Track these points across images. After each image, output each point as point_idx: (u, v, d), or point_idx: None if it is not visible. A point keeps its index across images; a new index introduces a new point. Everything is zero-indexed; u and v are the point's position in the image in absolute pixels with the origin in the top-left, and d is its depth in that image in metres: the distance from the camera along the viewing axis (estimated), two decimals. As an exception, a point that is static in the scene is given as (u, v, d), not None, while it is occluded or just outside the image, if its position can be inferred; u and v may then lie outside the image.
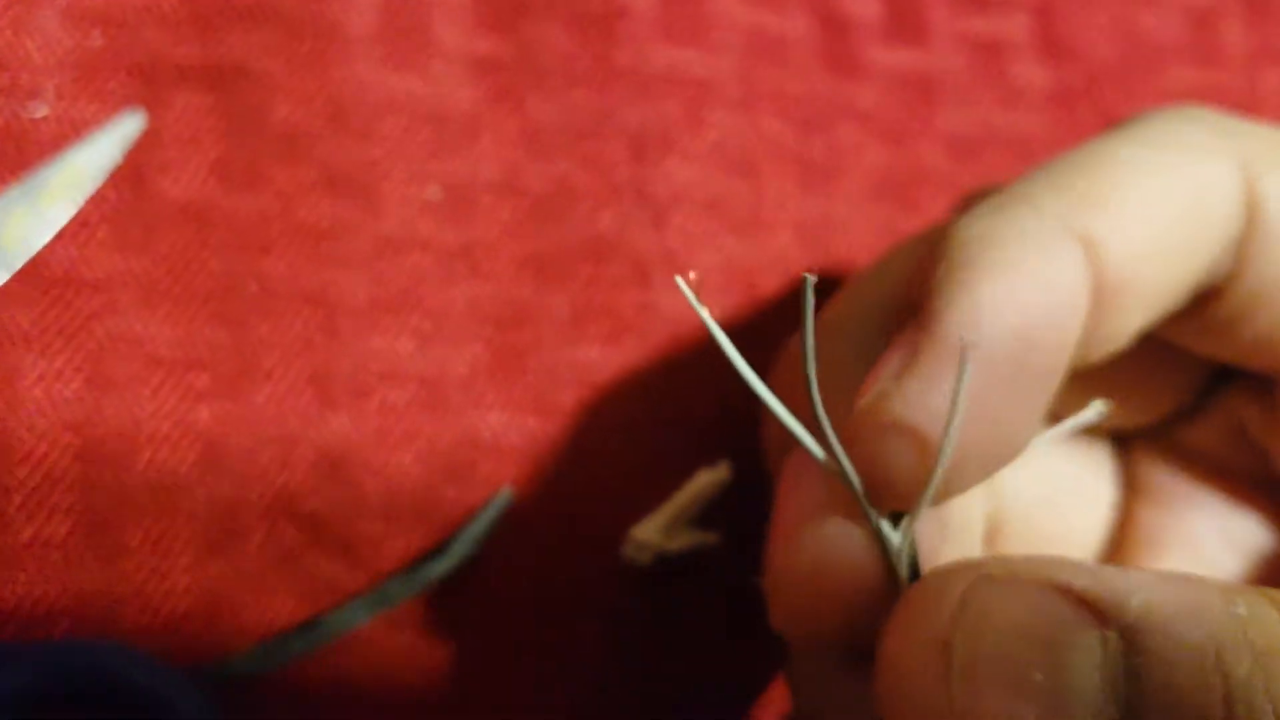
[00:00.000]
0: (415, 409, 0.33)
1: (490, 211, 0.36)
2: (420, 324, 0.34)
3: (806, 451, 0.23)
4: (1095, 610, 0.19)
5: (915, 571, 0.22)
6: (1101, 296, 0.22)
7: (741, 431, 0.35)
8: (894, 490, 0.21)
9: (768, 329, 0.31)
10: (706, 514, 0.34)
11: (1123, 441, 0.30)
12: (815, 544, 0.22)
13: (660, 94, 0.38)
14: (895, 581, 0.22)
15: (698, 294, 0.21)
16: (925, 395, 0.21)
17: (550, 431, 0.34)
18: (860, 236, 0.39)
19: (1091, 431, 0.29)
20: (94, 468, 0.31)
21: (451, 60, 0.37)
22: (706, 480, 0.34)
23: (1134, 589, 0.19)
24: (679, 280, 0.22)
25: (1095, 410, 0.25)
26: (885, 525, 0.22)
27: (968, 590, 0.20)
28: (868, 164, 0.40)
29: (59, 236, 0.32)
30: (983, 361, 0.20)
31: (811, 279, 0.21)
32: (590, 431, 0.34)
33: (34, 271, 0.31)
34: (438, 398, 0.34)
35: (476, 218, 0.35)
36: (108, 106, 0.33)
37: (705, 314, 0.22)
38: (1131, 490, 0.29)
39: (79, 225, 0.32)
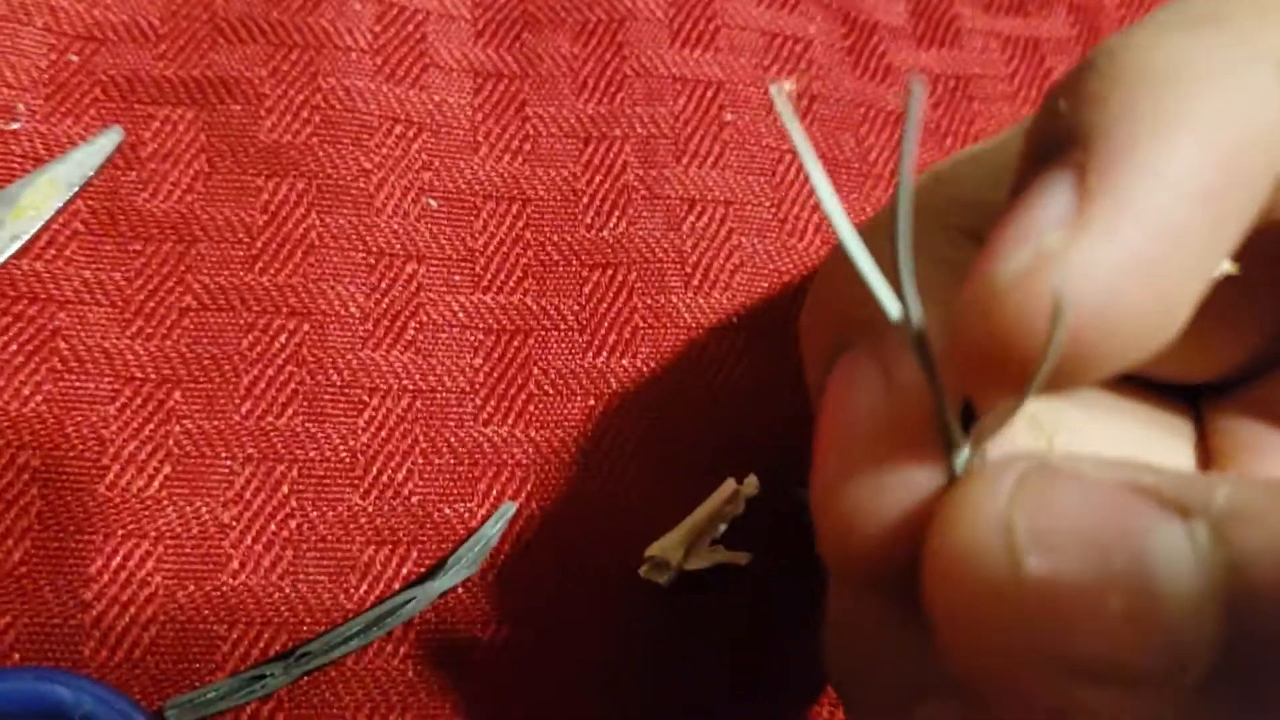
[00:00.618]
0: (410, 423, 0.30)
1: (490, 219, 0.33)
2: (417, 336, 0.31)
3: (860, 354, 0.19)
4: (1175, 506, 0.15)
5: None
6: None
7: (767, 443, 0.32)
8: (1011, 378, 0.16)
9: (791, 329, 0.27)
10: (731, 531, 0.30)
11: (1198, 402, 0.26)
12: (873, 456, 0.18)
13: (672, 96, 0.35)
14: None
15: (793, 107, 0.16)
16: (1107, 258, 0.15)
17: (556, 445, 0.31)
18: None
19: (1165, 390, 0.25)
20: (54, 490, 0.28)
21: (449, 71, 0.35)
22: (730, 495, 0.30)
23: (1215, 484, 0.15)
24: (774, 89, 0.17)
25: (1224, 268, 0.20)
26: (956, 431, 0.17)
27: (1026, 472, 0.16)
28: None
29: (25, 252, 0.30)
30: (1175, 216, 0.16)
31: (918, 86, 0.16)
32: (600, 444, 0.31)
33: (-2, 287, 0.29)
34: (435, 411, 0.31)
35: (476, 226, 0.33)
36: (84, 123, 0.32)
37: (797, 129, 0.16)
38: (1208, 452, 0.25)
39: (48, 241, 0.30)
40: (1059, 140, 0.17)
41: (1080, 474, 0.16)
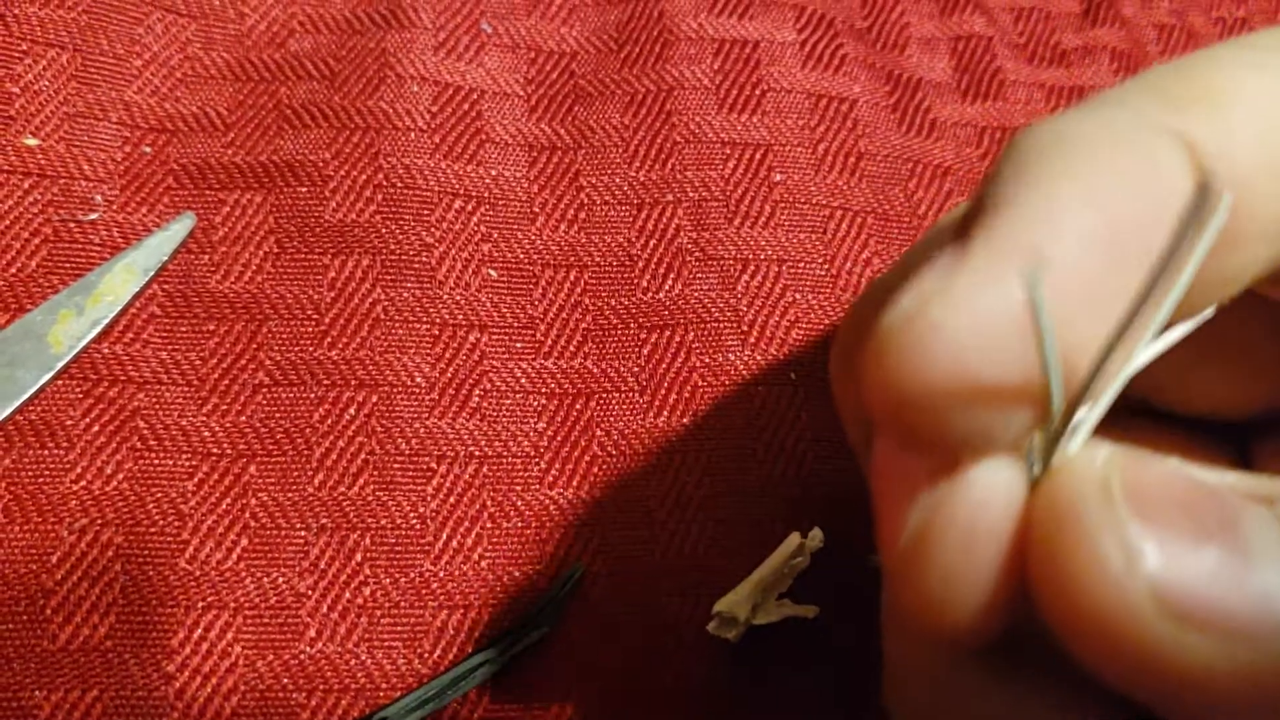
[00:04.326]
0: (478, 489, 0.31)
1: (549, 287, 0.34)
2: (481, 403, 0.32)
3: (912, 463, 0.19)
4: (1255, 497, 0.16)
5: None
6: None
7: (829, 496, 0.32)
8: (911, 414, 0.17)
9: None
10: (798, 584, 0.30)
11: (1243, 439, 0.25)
12: (945, 501, 0.18)
13: (721, 159, 0.36)
14: None
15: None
16: (974, 297, 0.16)
17: (621, 505, 0.31)
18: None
19: (1207, 428, 0.25)
20: (137, 565, 0.29)
21: (504, 146, 0.36)
22: (795, 548, 0.30)
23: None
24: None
25: (1210, 311, 0.20)
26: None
27: (1119, 461, 0.17)
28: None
29: (105, 336, 0.31)
30: (1061, 269, 0.17)
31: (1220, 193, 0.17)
32: (664, 503, 0.31)
33: (80, 371, 0.30)
34: (501, 476, 0.31)
35: (535, 294, 0.34)
36: (158, 211, 0.33)
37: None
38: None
39: (126, 325, 0.31)
40: (969, 214, 0.18)
41: (1164, 466, 0.17)
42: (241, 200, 0.34)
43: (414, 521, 0.30)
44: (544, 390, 0.33)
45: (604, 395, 0.33)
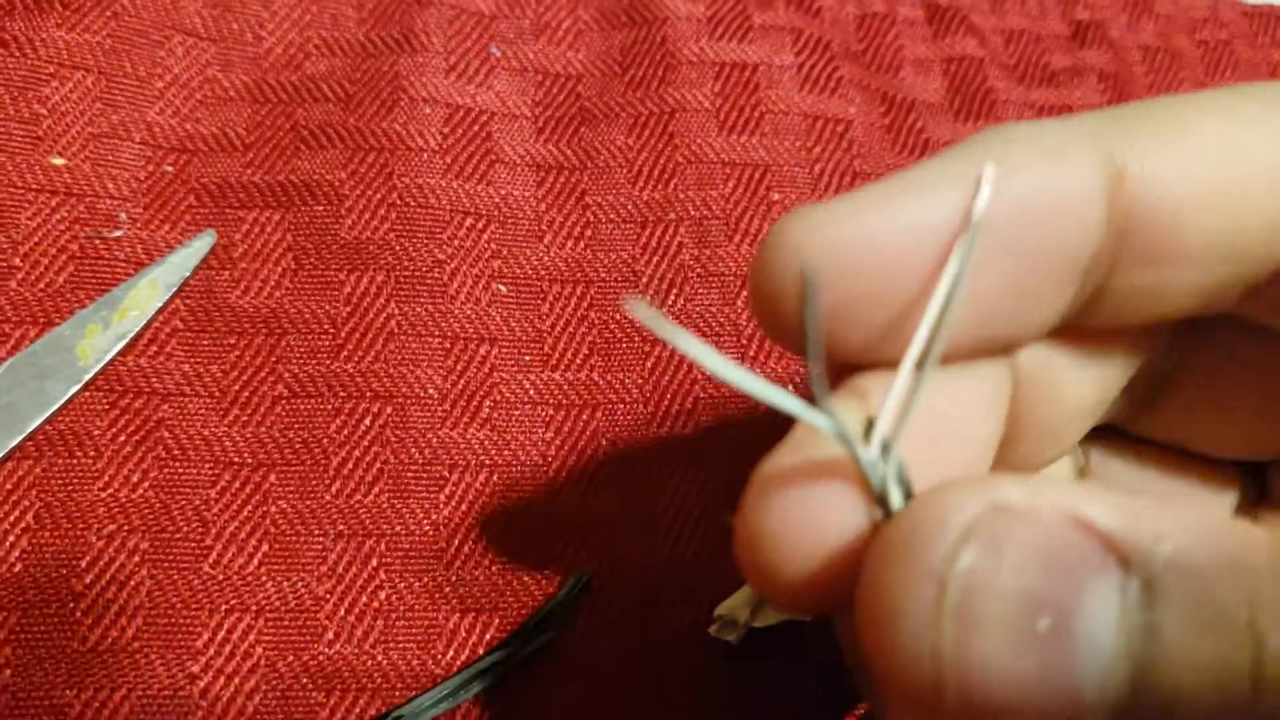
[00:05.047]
0: (489, 496, 0.32)
1: (557, 302, 0.35)
2: (492, 414, 0.33)
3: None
4: (1119, 553, 0.15)
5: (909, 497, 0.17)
6: (1135, 236, 0.19)
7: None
8: (779, 334, 0.19)
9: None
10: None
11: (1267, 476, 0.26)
12: (785, 476, 0.18)
13: (721, 179, 0.38)
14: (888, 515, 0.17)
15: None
16: (842, 227, 0.18)
17: (626, 512, 0.33)
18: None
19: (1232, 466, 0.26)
20: (162, 570, 0.30)
21: (513, 166, 0.37)
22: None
23: (1167, 534, 0.15)
24: (630, 306, 0.18)
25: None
26: (861, 447, 0.17)
27: (978, 521, 0.16)
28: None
29: (130, 350, 0.32)
30: (981, 241, 0.18)
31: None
32: (668, 510, 0.33)
33: (107, 383, 0.32)
34: (511, 484, 0.33)
35: (544, 309, 0.35)
36: (180, 228, 0.34)
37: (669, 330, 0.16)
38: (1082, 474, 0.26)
39: (150, 338, 0.33)
40: None
41: (1036, 509, 0.16)
42: (260, 218, 0.35)
43: (427, 528, 0.32)
44: (552, 401, 0.34)
45: (610, 406, 0.34)
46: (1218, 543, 0.15)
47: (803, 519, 0.17)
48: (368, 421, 0.33)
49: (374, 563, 0.31)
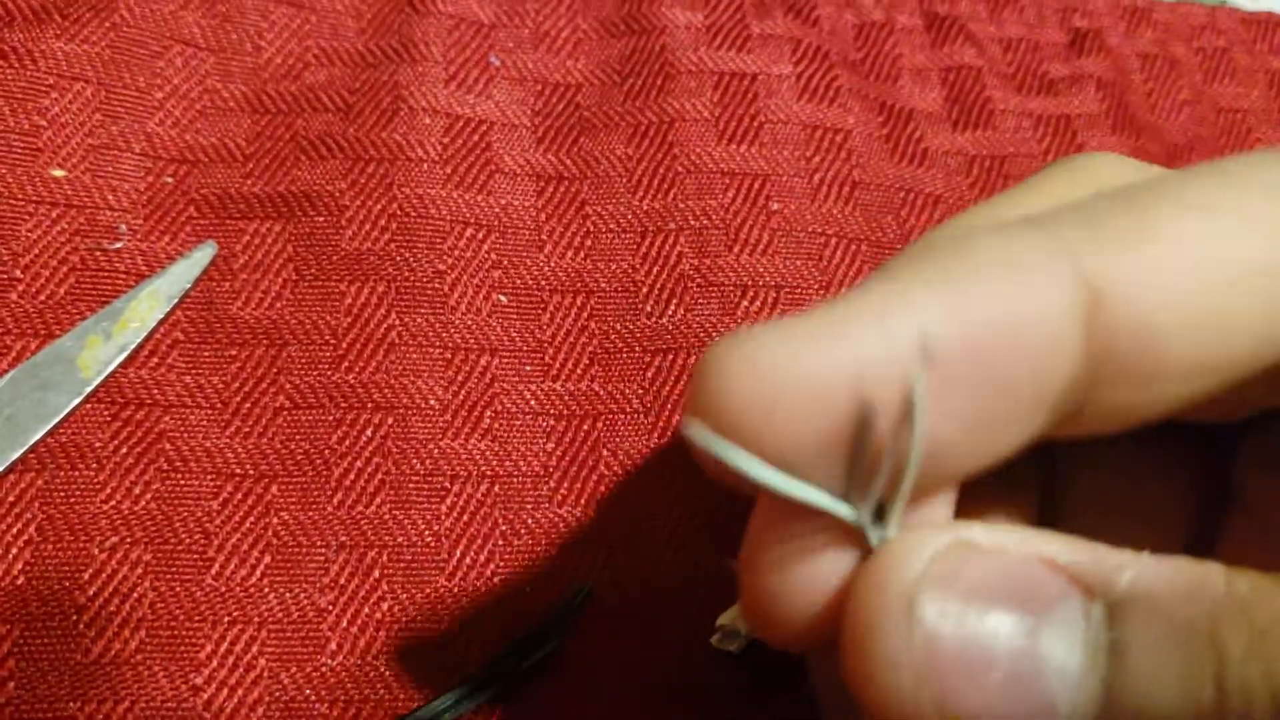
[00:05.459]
0: (490, 507, 0.32)
1: (557, 312, 0.35)
2: (493, 424, 0.33)
3: None
4: (1082, 584, 0.17)
5: None
6: (1116, 360, 0.18)
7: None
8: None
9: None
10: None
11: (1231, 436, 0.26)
12: (788, 536, 0.18)
13: (721, 189, 0.38)
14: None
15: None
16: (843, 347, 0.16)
17: (627, 522, 0.33)
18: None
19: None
20: (165, 582, 0.30)
21: (513, 176, 0.37)
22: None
23: (1126, 564, 0.16)
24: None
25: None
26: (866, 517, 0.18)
27: (942, 550, 0.17)
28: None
29: (131, 361, 0.32)
30: (939, 365, 0.16)
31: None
32: (669, 521, 0.33)
33: (108, 395, 0.32)
34: (512, 495, 0.33)
35: (544, 319, 0.35)
36: (180, 239, 0.34)
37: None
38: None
39: (151, 350, 0.33)
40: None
41: (1000, 547, 0.17)
42: (261, 229, 0.35)
43: (429, 539, 0.32)
44: (552, 412, 0.34)
45: (610, 416, 0.34)
46: (1176, 569, 0.16)
47: (804, 582, 0.19)
48: (369, 432, 0.33)
49: (376, 574, 0.31)
